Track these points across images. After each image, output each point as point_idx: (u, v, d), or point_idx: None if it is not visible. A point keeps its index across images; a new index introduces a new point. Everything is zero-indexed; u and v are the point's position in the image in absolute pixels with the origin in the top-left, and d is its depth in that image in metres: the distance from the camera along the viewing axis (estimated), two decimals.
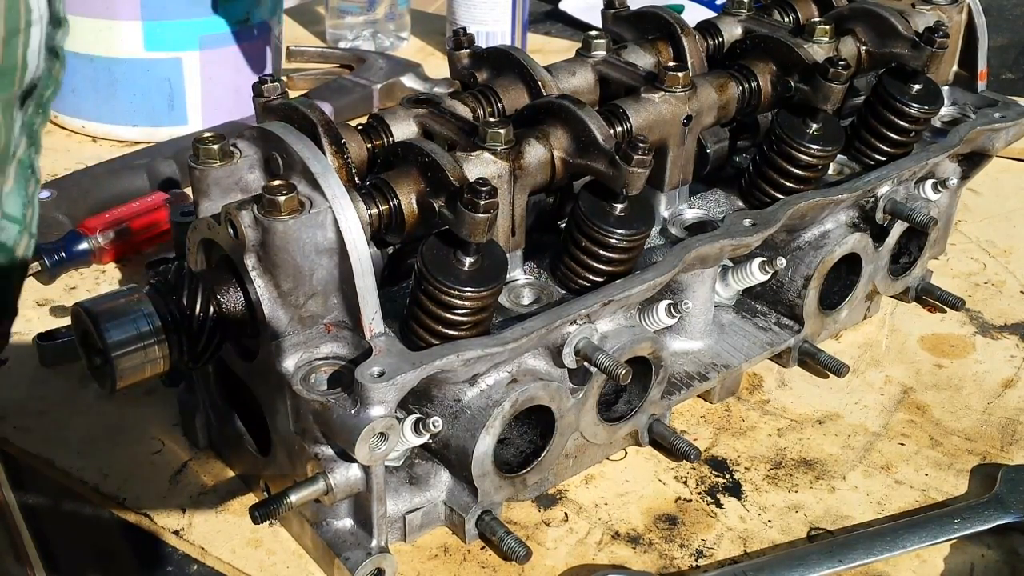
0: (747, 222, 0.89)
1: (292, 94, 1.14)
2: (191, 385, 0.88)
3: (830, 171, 1.00)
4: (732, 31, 1.03)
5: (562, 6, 2.01)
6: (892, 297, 1.12)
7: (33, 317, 1.06)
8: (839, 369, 0.98)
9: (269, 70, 1.50)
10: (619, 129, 0.85)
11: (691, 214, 0.95)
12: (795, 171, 0.93)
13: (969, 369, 1.03)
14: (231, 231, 0.71)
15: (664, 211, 0.93)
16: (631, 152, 0.76)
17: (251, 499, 0.84)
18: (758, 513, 0.85)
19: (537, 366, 0.79)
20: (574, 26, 1.95)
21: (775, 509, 0.86)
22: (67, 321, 1.01)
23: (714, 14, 1.07)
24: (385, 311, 0.72)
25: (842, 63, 0.88)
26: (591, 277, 0.82)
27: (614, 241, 0.80)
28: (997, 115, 1.06)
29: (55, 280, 1.11)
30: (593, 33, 0.97)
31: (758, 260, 0.92)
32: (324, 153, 0.76)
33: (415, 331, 0.74)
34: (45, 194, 1.18)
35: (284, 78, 1.56)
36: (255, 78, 0.83)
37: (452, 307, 0.72)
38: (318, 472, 0.73)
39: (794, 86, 0.92)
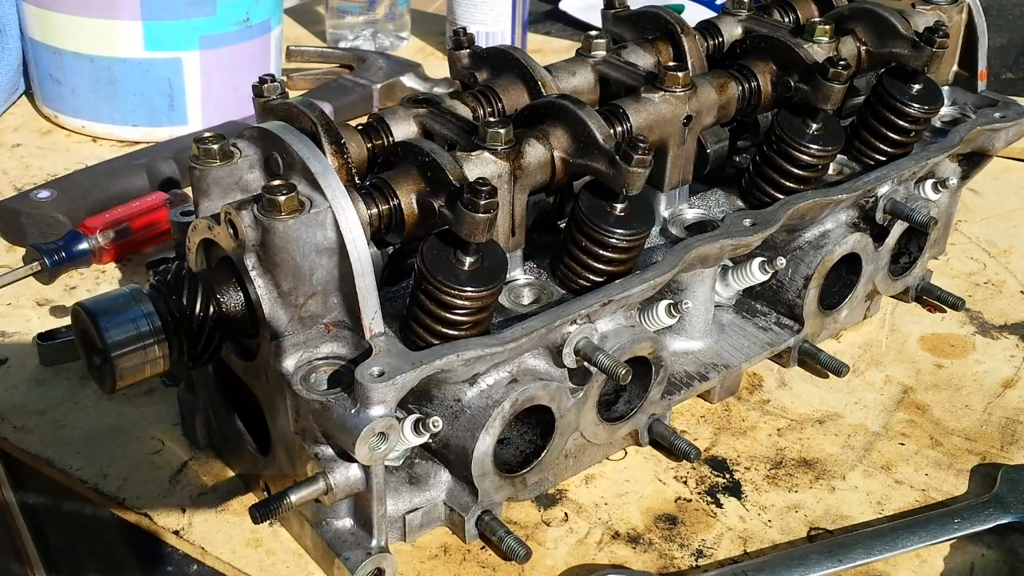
0: (747, 222, 0.89)
1: (292, 94, 1.14)
2: (191, 385, 0.88)
3: (830, 171, 1.00)
4: (732, 31, 1.03)
5: (562, 6, 2.01)
6: (892, 297, 1.12)
7: (33, 317, 1.06)
8: (839, 369, 0.98)
9: (269, 70, 1.50)
10: (619, 129, 0.85)
11: (691, 214, 0.95)
12: (795, 171, 0.93)
13: (969, 369, 1.03)
14: (231, 231, 0.71)
15: (664, 211, 0.93)
16: (631, 152, 0.76)
17: (251, 499, 0.84)
18: (758, 513, 0.85)
19: (537, 366, 0.79)
20: (574, 26, 1.95)
21: (775, 509, 0.86)
22: (67, 321, 1.01)
23: (714, 14, 1.07)
24: (385, 311, 0.72)
25: (842, 63, 0.88)
26: (591, 277, 0.82)
27: (614, 241, 0.80)
28: (997, 115, 1.06)
29: (55, 280, 1.11)
30: (593, 33, 0.97)
31: (758, 260, 0.92)
32: (324, 153, 0.76)
33: (415, 331, 0.74)
34: (45, 194, 1.18)
35: (284, 78, 1.56)
36: (255, 78, 0.83)
37: (452, 307, 0.72)
38: (318, 472, 0.73)
39: (794, 86, 0.92)
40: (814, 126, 0.92)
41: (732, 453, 0.92)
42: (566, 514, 0.85)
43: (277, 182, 0.69)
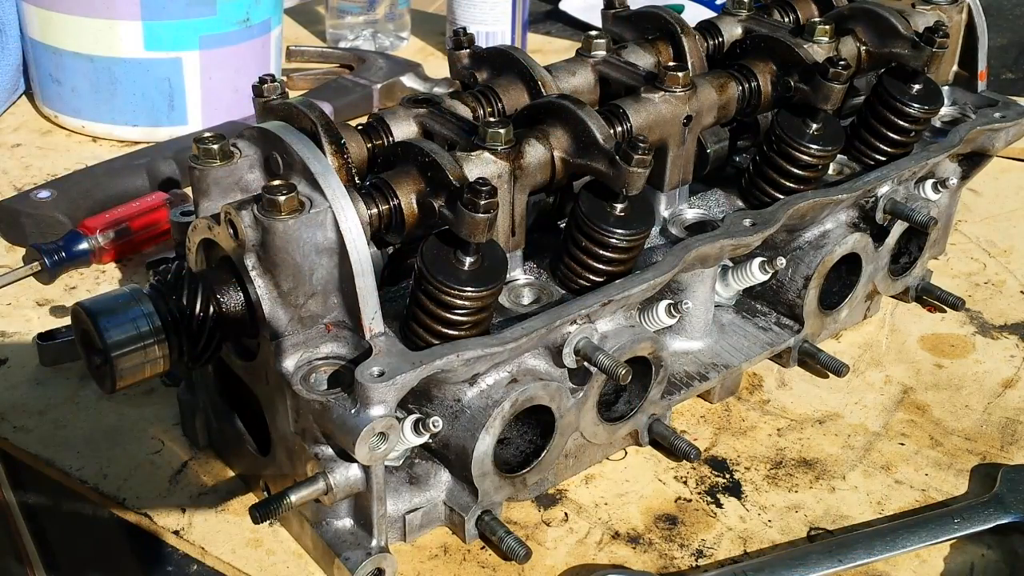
0: (747, 222, 0.89)
1: (292, 94, 1.14)
2: (191, 385, 0.88)
3: (830, 171, 1.00)
4: (732, 31, 1.03)
5: (562, 6, 2.01)
6: (892, 297, 1.12)
7: (33, 317, 1.06)
8: (839, 369, 0.98)
9: (269, 70, 1.50)
10: (619, 129, 0.85)
11: (691, 214, 0.95)
12: (795, 171, 0.93)
13: (969, 369, 1.03)
14: (231, 231, 0.71)
15: (664, 211, 0.93)
16: (631, 152, 0.76)
17: (251, 499, 0.84)
18: (758, 513, 0.85)
19: (537, 366, 0.79)
20: (574, 26, 1.95)
21: (775, 509, 0.86)
22: (67, 321, 1.01)
23: (714, 14, 1.07)
24: (385, 311, 0.72)
25: (842, 63, 0.88)
26: (591, 277, 0.82)
27: (614, 241, 0.80)
28: (997, 115, 1.06)
29: (55, 280, 1.11)
30: (593, 33, 0.97)
31: (758, 260, 0.92)
32: (324, 153, 0.75)
33: (415, 331, 0.74)
34: (45, 194, 1.18)
35: (284, 78, 1.56)
36: (255, 78, 0.83)
37: (452, 307, 0.72)
38: (318, 472, 0.73)
39: (794, 86, 0.92)
40: (814, 126, 0.92)
41: (732, 453, 0.92)
42: (566, 514, 0.85)
43: (277, 182, 0.69)
